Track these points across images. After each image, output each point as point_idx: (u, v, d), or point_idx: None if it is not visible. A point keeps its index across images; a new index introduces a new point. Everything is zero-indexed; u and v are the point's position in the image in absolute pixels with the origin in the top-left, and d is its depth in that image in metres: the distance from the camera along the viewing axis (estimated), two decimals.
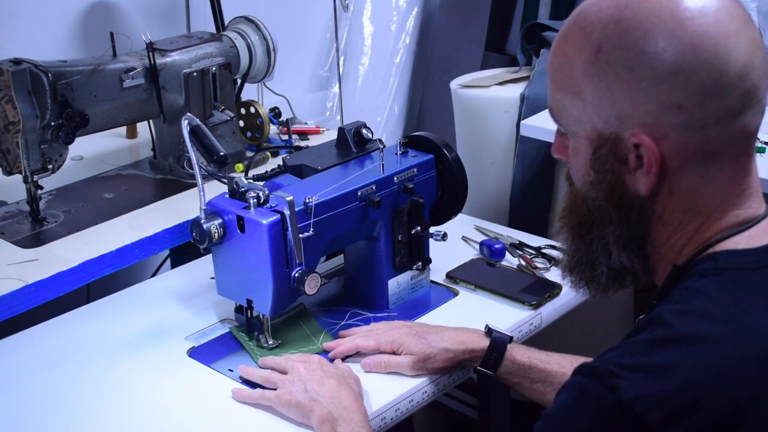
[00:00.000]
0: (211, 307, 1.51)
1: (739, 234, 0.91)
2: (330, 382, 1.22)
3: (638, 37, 0.87)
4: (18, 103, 1.57)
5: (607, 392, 0.82)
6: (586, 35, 0.91)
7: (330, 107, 3.17)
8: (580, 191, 0.98)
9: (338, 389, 1.21)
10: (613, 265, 0.97)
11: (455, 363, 1.33)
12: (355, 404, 1.20)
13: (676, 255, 0.94)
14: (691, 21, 0.86)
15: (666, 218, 0.93)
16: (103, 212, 1.76)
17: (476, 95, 2.30)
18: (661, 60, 0.86)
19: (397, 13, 3.16)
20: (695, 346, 0.83)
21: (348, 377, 1.25)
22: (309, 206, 1.31)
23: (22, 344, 1.44)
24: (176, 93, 1.86)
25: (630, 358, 0.84)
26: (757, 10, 2.67)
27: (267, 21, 2.02)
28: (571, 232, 1.01)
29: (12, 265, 1.54)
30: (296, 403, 1.21)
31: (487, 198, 2.32)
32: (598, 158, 0.93)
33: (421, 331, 1.35)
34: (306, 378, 1.23)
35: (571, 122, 0.95)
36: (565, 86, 0.94)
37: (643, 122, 0.89)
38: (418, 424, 2.07)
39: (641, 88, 0.88)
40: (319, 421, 1.18)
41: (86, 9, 2.41)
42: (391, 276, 1.48)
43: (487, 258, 1.67)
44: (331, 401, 1.19)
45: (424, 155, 1.49)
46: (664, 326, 0.85)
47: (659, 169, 0.90)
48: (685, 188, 0.91)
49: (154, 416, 1.26)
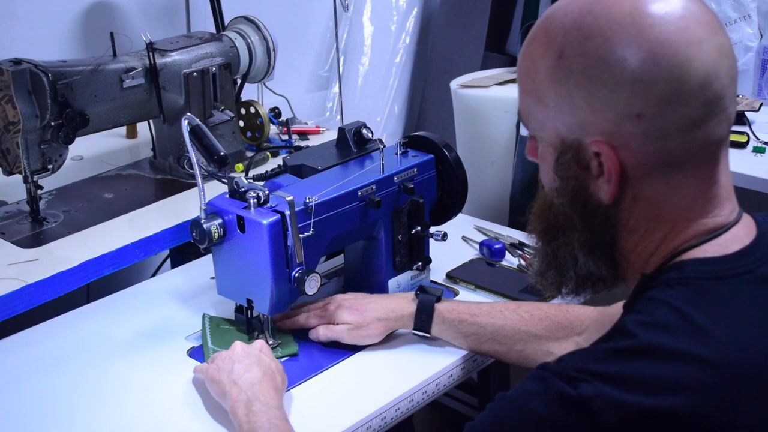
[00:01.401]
0: (211, 307, 1.51)
1: (707, 242, 0.90)
2: (256, 371, 1.21)
3: (599, 44, 0.86)
4: (18, 103, 1.57)
5: (569, 388, 0.83)
6: (550, 40, 0.90)
7: (330, 107, 3.17)
8: (548, 196, 0.97)
9: (261, 380, 1.20)
10: (580, 271, 0.97)
11: (390, 329, 1.38)
12: (274, 395, 1.19)
13: (644, 263, 0.93)
14: (652, 28, 0.85)
15: (631, 226, 0.92)
16: (103, 212, 1.76)
17: (476, 95, 2.31)
18: (621, 68, 0.85)
19: (397, 13, 3.16)
20: (657, 358, 0.82)
21: (277, 372, 1.24)
22: (309, 206, 1.31)
23: (22, 344, 1.44)
24: (176, 93, 1.86)
25: (590, 364, 0.84)
26: (757, 9, 2.67)
27: (267, 21, 2.02)
28: (539, 237, 1.01)
29: (12, 265, 1.54)
30: (218, 380, 1.21)
31: (487, 198, 2.32)
32: (562, 164, 0.92)
33: (355, 303, 1.39)
34: (236, 359, 1.23)
35: (537, 127, 0.95)
36: (531, 90, 0.93)
37: (603, 130, 0.88)
38: (418, 424, 2.07)
39: (601, 95, 0.86)
40: (233, 402, 1.17)
41: (86, 9, 2.41)
42: (391, 276, 1.48)
43: (487, 258, 1.68)
44: (250, 388, 1.18)
45: (424, 155, 1.49)
46: (627, 337, 0.85)
47: (619, 177, 0.89)
48: (649, 196, 0.90)
49: (154, 416, 1.26)
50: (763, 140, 1.87)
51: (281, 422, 1.15)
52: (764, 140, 1.88)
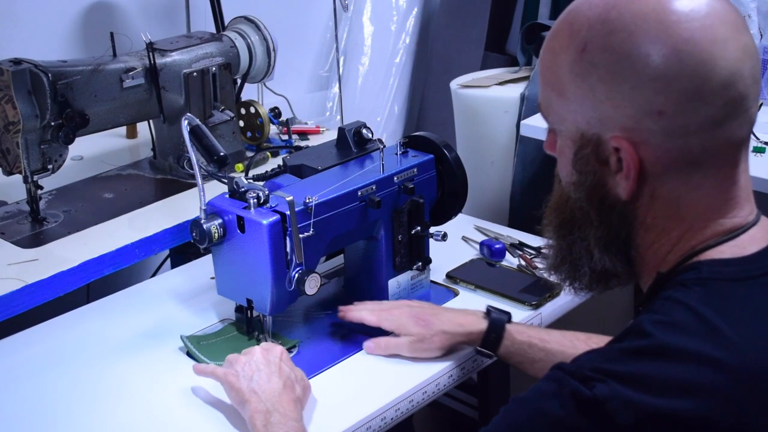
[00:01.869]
0: (211, 307, 1.51)
1: (724, 243, 0.89)
2: (276, 381, 1.20)
3: (622, 39, 0.86)
4: (18, 103, 1.57)
5: (584, 388, 0.83)
6: (573, 34, 0.89)
7: (330, 107, 3.17)
8: (565, 190, 0.97)
9: (282, 391, 1.19)
10: (595, 267, 0.97)
11: (454, 344, 1.35)
12: (293, 407, 1.18)
13: (659, 261, 0.93)
14: (677, 25, 0.84)
15: (648, 223, 0.92)
16: (103, 212, 1.76)
17: (476, 95, 2.31)
18: (644, 64, 0.85)
19: (397, 13, 3.16)
20: (671, 359, 0.82)
21: (298, 381, 1.23)
22: (309, 206, 1.31)
23: (22, 344, 1.44)
24: (176, 93, 1.86)
25: (605, 364, 0.84)
26: (757, 9, 2.67)
27: (267, 21, 2.02)
28: (554, 231, 1.01)
29: (12, 265, 1.54)
30: (238, 388, 1.20)
31: (487, 198, 2.32)
32: (580, 159, 0.92)
33: (421, 313, 1.36)
34: (256, 368, 1.22)
35: (557, 120, 0.95)
36: (552, 83, 0.93)
37: (624, 126, 0.87)
38: (418, 424, 2.07)
39: (622, 91, 0.86)
40: (252, 412, 1.17)
41: (86, 9, 2.41)
42: (391, 276, 1.48)
43: (487, 258, 1.67)
44: (269, 398, 1.18)
45: (424, 155, 1.49)
46: (643, 336, 0.84)
47: (638, 174, 0.88)
48: (667, 195, 0.89)
49: (154, 416, 1.26)
50: (763, 140, 1.87)
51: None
52: (764, 140, 1.88)
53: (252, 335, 1.40)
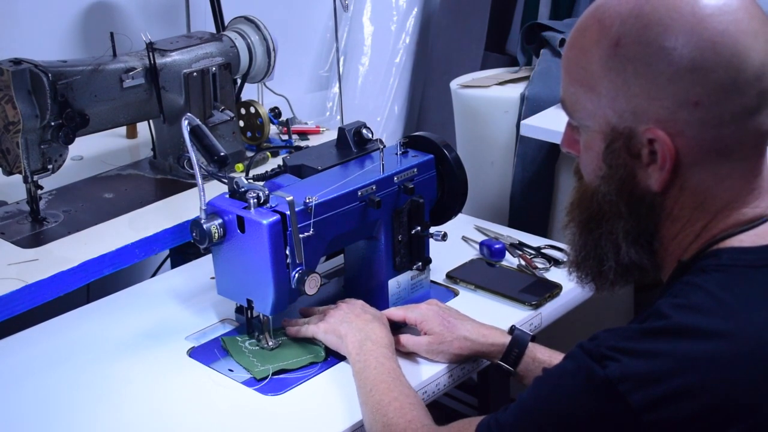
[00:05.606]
0: (211, 307, 1.51)
1: (745, 232, 0.91)
2: (366, 316, 1.35)
3: (658, 33, 0.88)
4: (18, 103, 1.57)
5: (598, 367, 0.85)
6: (605, 29, 0.91)
7: (330, 107, 3.17)
8: (590, 185, 0.98)
9: (372, 321, 1.33)
10: (622, 261, 0.98)
11: (472, 353, 1.35)
12: (384, 333, 1.32)
13: (682, 251, 0.95)
14: (711, 18, 0.87)
15: (675, 215, 0.94)
16: (103, 212, 1.76)
17: (476, 95, 2.30)
18: (680, 56, 0.87)
19: (397, 13, 3.16)
20: (689, 338, 0.84)
21: (383, 317, 1.37)
22: (309, 206, 1.31)
23: (22, 344, 1.44)
24: (176, 93, 1.86)
25: (622, 342, 0.86)
26: None
27: (267, 21, 2.02)
28: (579, 227, 1.01)
29: (12, 265, 1.54)
30: (333, 329, 1.34)
31: (487, 198, 2.32)
32: (611, 152, 0.93)
33: (447, 315, 1.38)
34: (347, 311, 1.36)
35: (585, 116, 0.95)
36: (580, 79, 0.94)
37: (659, 118, 0.89)
38: None
39: (659, 83, 0.88)
40: (348, 343, 1.30)
41: (86, 9, 2.41)
42: (391, 276, 1.48)
43: (487, 258, 1.68)
44: (363, 327, 1.32)
45: (424, 155, 1.49)
46: (661, 318, 0.86)
47: (673, 165, 0.90)
48: (696, 185, 0.91)
49: (154, 416, 1.26)
50: None
51: (387, 361, 1.25)
52: None
53: (252, 335, 1.40)
